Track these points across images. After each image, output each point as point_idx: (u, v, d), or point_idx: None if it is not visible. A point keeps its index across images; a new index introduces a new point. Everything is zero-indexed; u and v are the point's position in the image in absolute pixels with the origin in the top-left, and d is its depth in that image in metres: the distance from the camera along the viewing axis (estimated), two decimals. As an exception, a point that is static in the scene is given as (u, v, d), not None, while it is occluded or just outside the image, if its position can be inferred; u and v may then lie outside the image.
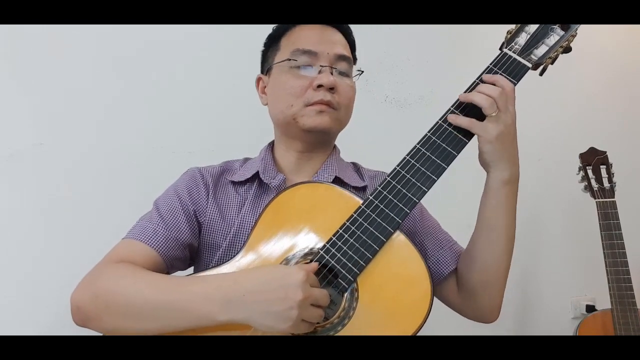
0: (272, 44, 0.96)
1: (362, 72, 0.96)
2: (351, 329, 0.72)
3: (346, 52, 0.93)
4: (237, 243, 0.86)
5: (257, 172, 0.92)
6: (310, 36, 0.91)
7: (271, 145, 1.00)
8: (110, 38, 1.40)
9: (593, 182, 1.61)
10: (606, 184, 1.59)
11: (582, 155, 1.65)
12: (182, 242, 0.85)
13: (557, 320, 1.85)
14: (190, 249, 0.88)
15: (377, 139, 1.54)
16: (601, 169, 1.61)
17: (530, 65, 0.80)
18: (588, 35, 1.95)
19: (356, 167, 1.03)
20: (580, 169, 1.64)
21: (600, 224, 1.56)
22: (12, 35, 1.31)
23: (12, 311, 1.27)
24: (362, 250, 0.74)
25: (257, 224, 0.80)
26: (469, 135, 0.78)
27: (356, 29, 0.95)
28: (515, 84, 0.79)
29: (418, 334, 0.71)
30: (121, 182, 1.38)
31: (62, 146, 1.34)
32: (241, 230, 0.87)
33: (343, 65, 0.91)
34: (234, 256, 0.78)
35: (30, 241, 1.30)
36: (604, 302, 1.59)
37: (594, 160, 1.62)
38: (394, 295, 0.73)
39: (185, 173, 0.96)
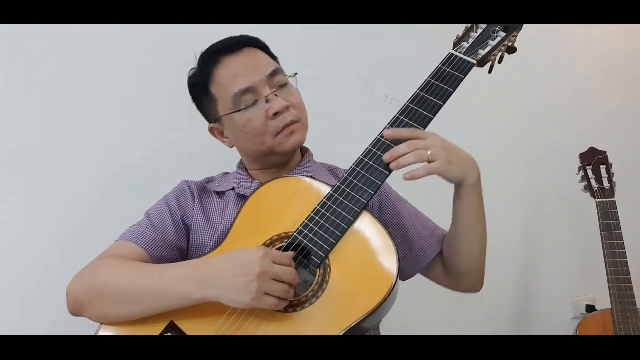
0: (202, 96, 0.98)
1: (297, 74, 0.97)
2: (324, 301, 0.76)
3: (272, 64, 0.95)
4: (222, 242, 0.90)
5: (233, 187, 0.99)
6: (236, 71, 0.92)
7: (243, 164, 1.05)
8: (110, 38, 1.39)
9: (593, 182, 1.60)
10: (606, 184, 1.59)
11: (582, 155, 1.65)
12: (168, 243, 0.91)
13: (557, 320, 1.84)
14: (180, 251, 0.93)
15: (377, 139, 1.54)
16: (601, 169, 1.61)
17: (475, 61, 0.87)
18: (589, 35, 1.96)
19: (332, 168, 1.08)
20: (580, 169, 1.64)
21: (600, 224, 1.56)
22: (12, 35, 1.31)
23: (12, 311, 1.27)
24: (332, 229, 0.80)
25: (237, 218, 0.87)
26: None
27: (356, 29, 0.95)
28: (454, 89, 0.84)
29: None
30: (121, 181, 1.38)
31: (62, 146, 1.34)
32: (226, 230, 0.91)
33: (279, 79, 0.94)
34: (218, 247, 0.85)
35: (30, 241, 1.30)
36: (604, 302, 1.59)
37: (594, 160, 1.62)
38: (363, 267, 0.79)
39: (176, 187, 1.02)
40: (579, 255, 1.88)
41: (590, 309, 1.75)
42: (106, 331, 0.79)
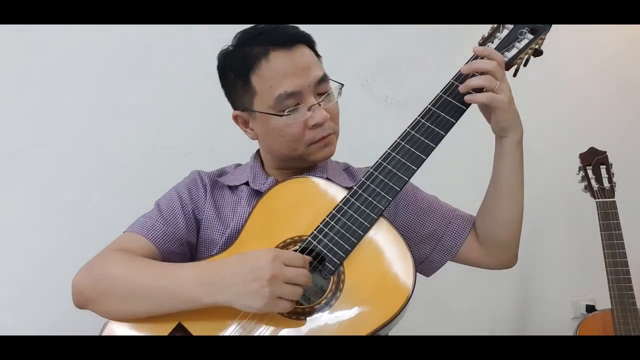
0: (238, 81, 0.89)
1: (343, 85, 0.92)
2: (338, 310, 0.74)
3: (319, 69, 0.89)
4: (232, 240, 0.88)
5: (247, 182, 0.95)
6: (285, 69, 0.85)
7: (259, 155, 1.01)
8: (110, 38, 1.39)
9: (593, 182, 1.60)
10: (606, 184, 1.59)
11: (582, 155, 1.65)
12: (178, 237, 0.89)
13: (557, 320, 1.85)
14: (189, 246, 0.91)
15: (377, 139, 1.54)
16: (601, 169, 1.61)
17: None
18: (588, 35, 1.96)
19: (346, 167, 1.05)
20: (580, 169, 1.64)
21: (600, 224, 1.56)
22: (12, 35, 1.31)
23: (12, 311, 1.27)
24: (347, 235, 0.78)
25: (249, 218, 0.84)
26: (459, 114, 0.82)
27: (356, 29, 0.94)
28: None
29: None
30: (121, 181, 1.38)
31: (62, 146, 1.34)
32: (236, 228, 0.89)
33: (323, 87, 0.89)
34: (227, 248, 0.83)
35: (30, 241, 1.30)
36: (604, 302, 1.59)
37: (594, 160, 1.62)
38: (378, 276, 0.76)
39: (186, 177, 0.99)
40: (579, 255, 1.88)
41: (590, 309, 1.75)
42: (113, 327, 0.78)
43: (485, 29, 0.92)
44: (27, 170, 1.31)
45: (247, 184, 0.95)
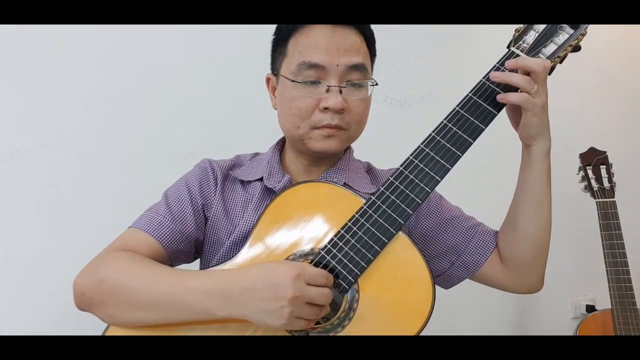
0: (279, 43, 0.89)
1: (376, 84, 0.88)
2: (351, 331, 0.72)
3: (359, 58, 0.84)
4: (240, 242, 0.85)
5: (262, 178, 0.91)
6: (319, 42, 0.82)
7: (280, 144, 0.97)
8: (110, 38, 1.40)
9: (593, 182, 1.61)
10: (606, 184, 1.59)
11: (582, 155, 1.65)
12: (187, 235, 0.85)
13: (557, 320, 1.85)
14: (196, 242, 0.88)
15: (376, 139, 1.54)
16: (601, 169, 1.61)
17: None
18: (588, 35, 1.96)
19: (369, 168, 1.00)
20: (580, 169, 1.64)
21: (600, 224, 1.56)
22: (12, 35, 1.31)
23: (11, 311, 1.27)
24: (364, 251, 0.73)
25: (258, 224, 0.79)
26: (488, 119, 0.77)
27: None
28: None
29: (418, 334, 0.71)
30: (121, 181, 1.38)
31: (62, 146, 1.34)
32: (245, 230, 0.86)
33: (355, 76, 0.84)
34: (235, 255, 0.79)
35: (30, 241, 1.30)
36: (604, 302, 1.59)
37: (594, 160, 1.62)
38: (395, 297, 0.73)
39: (197, 165, 0.94)
40: (579, 255, 1.88)
41: (590, 309, 1.75)
42: (116, 332, 0.74)
43: (484, 29, 0.91)
44: (27, 170, 1.31)
45: (261, 179, 0.90)
